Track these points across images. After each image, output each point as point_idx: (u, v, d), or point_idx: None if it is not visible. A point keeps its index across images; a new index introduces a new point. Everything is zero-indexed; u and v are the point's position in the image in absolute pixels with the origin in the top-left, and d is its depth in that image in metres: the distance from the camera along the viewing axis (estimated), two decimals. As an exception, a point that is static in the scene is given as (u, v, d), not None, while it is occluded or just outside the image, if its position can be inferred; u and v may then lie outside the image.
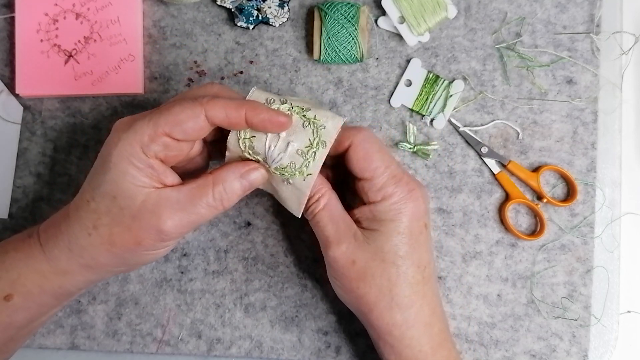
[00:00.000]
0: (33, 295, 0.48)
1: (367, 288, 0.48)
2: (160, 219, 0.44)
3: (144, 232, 0.45)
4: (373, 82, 0.57)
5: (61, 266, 0.47)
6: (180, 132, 0.44)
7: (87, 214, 0.45)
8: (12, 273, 0.47)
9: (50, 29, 0.57)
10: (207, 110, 0.44)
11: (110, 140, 0.45)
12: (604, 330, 0.55)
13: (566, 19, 0.57)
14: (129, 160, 0.44)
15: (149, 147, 0.44)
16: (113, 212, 0.45)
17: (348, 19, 0.55)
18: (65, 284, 0.48)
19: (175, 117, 0.43)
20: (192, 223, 0.45)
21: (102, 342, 0.57)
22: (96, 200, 0.45)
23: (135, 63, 0.57)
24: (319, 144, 0.46)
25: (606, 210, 0.56)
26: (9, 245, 0.49)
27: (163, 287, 0.57)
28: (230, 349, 0.56)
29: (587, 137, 0.56)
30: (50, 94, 0.57)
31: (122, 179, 0.44)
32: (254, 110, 0.44)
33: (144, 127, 0.44)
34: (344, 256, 0.48)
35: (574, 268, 0.56)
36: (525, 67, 0.57)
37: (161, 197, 0.44)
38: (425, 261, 0.49)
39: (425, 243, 0.49)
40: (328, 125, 0.47)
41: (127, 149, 0.44)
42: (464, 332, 0.56)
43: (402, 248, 0.48)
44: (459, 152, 0.57)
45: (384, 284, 0.48)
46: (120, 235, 0.45)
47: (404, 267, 0.48)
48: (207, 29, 0.58)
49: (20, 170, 0.58)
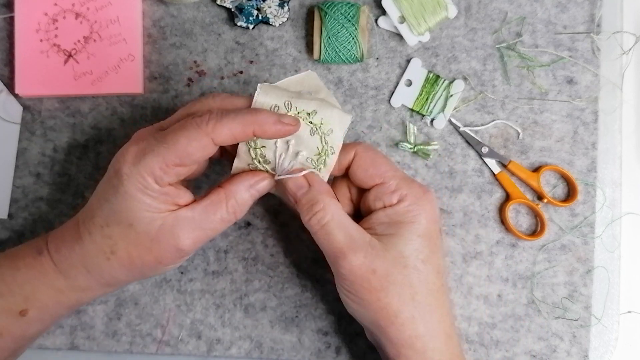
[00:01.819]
0: (48, 309, 0.49)
1: (389, 298, 0.45)
2: (179, 239, 0.45)
3: (163, 251, 0.46)
4: (373, 82, 0.57)
5: (79, 284, 0.48)
6: (190, 161, 0.44)
7: (102, 239, 0.46)
8: (26, 289, 0.48)
9: (50, 28, 0.57)
10: (214, 137, 0.44)
11: (122, 170, 0.45)
12: (605, 331, 0.55)
13: (566, 19, 0.57)
14: (143, 192, 0.44)
15: (162, 178, 0.44)
16: (130, 237, 0.45)
17: (348, 18, 0.55)
18: (82, 299, 0.49)
19: (183, 150, 0.44)
20: (208, 237, 0.47)
21: (102, 342, 0.56)
22: (111, 226, 0.46)
23: (135, 63, 0.57)
24: (327, 151, 0.47)
25: (606, 210, 0.56)
26: (19, 262, 0.48)
27: (163, 288, 0.57)
28: (230, 350, 0.56)
29: (588, 137, 0.56)
30: (50, 94, 0.57)
31: (138, 208, 0.45)
32: (261, 127, 0.44)
33: (154, 161, 0.44)
34: (362, 266, 0.45)
35: (574, 268, 0.56)
36: (525, 67, 0.57)
37: (178, 219, 0.45)
38: (443, 267, 0.48)
39: (442, 248, 0.49)
40: (335, 129, 0.47)
41: (140, 181, 0.44)
42: (464, 332, 0.56)
43: (423, 251, 0.46)
44: (459, 152, 0.57)
45: (406, 291, 0.45)
46: (139, 257, 0.46)
47: (425, 272, 0.46)
48: (207, 29, 0.58)
49: (20, 170, 0.58)
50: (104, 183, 0.47)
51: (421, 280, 0.46)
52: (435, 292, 0.47)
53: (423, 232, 0.47)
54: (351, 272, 0.45)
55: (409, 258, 0.46)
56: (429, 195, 0.48)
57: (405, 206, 0.47)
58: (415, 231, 0.46)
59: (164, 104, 0.58)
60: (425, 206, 0.47)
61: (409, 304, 0.45)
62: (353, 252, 0.45)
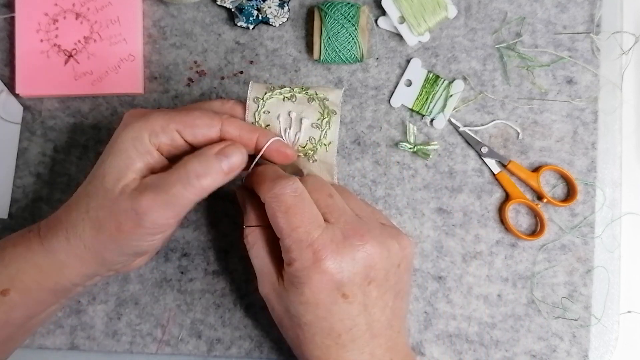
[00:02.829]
0: (31, 292, 0.48)
1: (284, 334, 0.49)
2: (136, 200, 0.43)
3: (122, 215, 0.44)
4: (373, 82, 0.57)
5: (59, 258, 0.47)
6: (191, 134, 0.45)
7: (83, 199, 0.46)
8: (11, 268, 0.47)
9: (50, 29, 0.57)
10: (225, 125, 0.45)
11: (121, 124, 0.46)
12: (604, 331, 0.55)
13: (566, 19, 0.57)
14: (131, 143, 0.44)
15: (157, 136, 0.44)
16: (100, 194, 0.45)
17: (348, 19, 0.55)
18: (61, 279, 0.48)
19: (192, 120, 0.45)
20: (169, 205, 0.43)
21: (102, 342, 0.57)
22: (91, 182, 0.46)
23: (135, 63, 0.57)
24: (329, 113, 0.49)
25: (606, 210, 0.56)
26: (8, 242, 0.49)
27: (163, 287, 0.57)
28: (230, 349, 0.56)
29: (588, 137, 0.56)
30: (50, 94, 0.57)
31: (118, 158, 0.44)
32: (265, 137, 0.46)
33: (158, 117, 0.45)
34: (266, 298, 0.48)
35: (574, 268, 0.56)
36: (525, 67, 0.57)
37: (141, 183, 0.44)
38: (342, 329, 0.45)
39: (342, 312, 0.45)
40: (331, 97, 0.49)
41: (134, 132, 0.44)
42: (464, 332, 0.56)
43: (305, 316, 0.45)
44: (459, 152, 0.57)
45: (295, 340, 0.47)
46: (104, 219, 0.44)
47: (310, 332, 0.46)
48: (207, 29, 0.58)
49: (20, 170, 0.58)
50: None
51: (306, 337, 0.46)
52: (326, 349, 0.45)
53: (307, 299, 0.44)
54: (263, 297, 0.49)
55: (294, 317, 0.46)
56: (318, 268, 0.43)
57: (292, 270, 0.44)
58: (298, 298, 0.45)
59: (164, 104, 0.58)
60: (310, 277, 0.44)
61: (298, 349, 0.47)
62: (261, 283, 0.48)
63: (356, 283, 0.45)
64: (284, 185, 0.44)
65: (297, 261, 0.44)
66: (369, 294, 0.45)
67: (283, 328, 0.48)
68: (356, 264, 0.44)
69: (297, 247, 0.44)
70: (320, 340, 0.46)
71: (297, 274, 0.44)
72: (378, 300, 0.46)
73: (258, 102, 0.48)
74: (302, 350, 0.47)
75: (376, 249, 0.45)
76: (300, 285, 0.44)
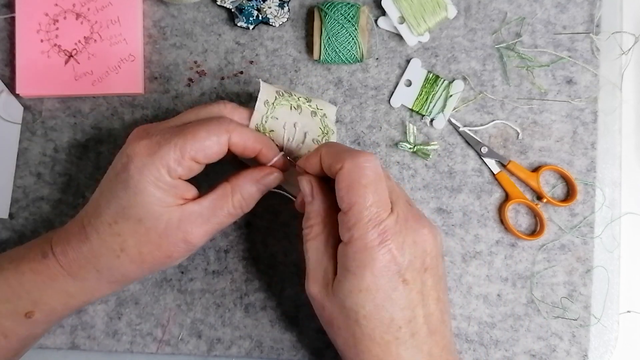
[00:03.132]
0: (56, 312, 0.49)
1: (335, 335, 0.45)
2: (187, 233, 0.46)
3: (172, 246, 0.46)
4: (373, 82, 0.57)
5: (89, 285, 0.48)
6: (205, 157, 0.45)
7: (111, 237, 0.46)
8: (34, 294, 0.48)
9: (51, 29, 0.57)
10: (232, 137, 0.46)
11: (132, 164, 0.45)
12: (604, 330, 0.55)
13: (566, 19, 0.57)
14: (155, 185, 0.45)
15: (175, 170, 0.45)
16: (140, 234, 0.46)
17: (348, 19, 0.55)
18: (90, 299, 0.50)
19: (202, 144, 0.45)
20: (215, 230, 0.48)
21: (102, 342, 0.57)
22: (119, 223, 0.46)
23: (135, 63, 0.57)
24: (328, 131, 0.50)
25: (606, 210, 0.56)
26: (24, 266, 0.48)
27: (163, 287, 0.57)
28: (230, 349, 0.56)
29: (587, 137, 0.56)
30: (51, 94, 0.57)
31: (148, 202, 0.45)
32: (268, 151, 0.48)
33: (170, 152, 0.44)
34: (317, 297, 0.45)
35: (573, 268, 0.56)
36: (525, 67, 0.57)
37: (185, 213, 0.46)
38: (402, 320, 0.43)
39: (403, 299, 0.43)
40: (328, 113, 0.50)
41: (153, 173, 0.44)
42: (464, 332, 0.56)
43: (365, 307, 0.43)
44: (459, 152, 0.57)
45: (350, 339, 0.44)
46: (150, 254, 0.46)
47: (369, 327, 0.43)
48: (207, 29, 0.58)
49: (21, 170, 0.58)
50: (110, 180, 0.47)
51: (364, 333, 0.43)
52: (385, 345, 0.43)
53: (367, 286, 0.42)
54: (310, 297, 0.46)
55: (351, 311, 0.43)
56: (383, 249, 0.42)
57: (351, 251, 0.42)
58: (357, 285, 0.42)
59: (164, 104, 0.58)
60: (374, 259, 0.42)
61: (352, 348, 0.44)
62: (313, 280, 0.46)
63: (416, 268, 0.43)
64: (369, 158, 0.43)
65: (360, 240, 0.42)
66: (426, 282, 0.44)
67: (334, 328, 0.45)
68: (417, 248, 0.44)
69: (364, 226, 0.42)
70: (380, 336, 0.43)
71: (358, 257, 0.42)
72: (432, 290, 0.45)
73: (267, 106, 0.48)
74: (358, 350, 0.44)
75: (431, 234, 0.45)
76: (359, 269, 0.42)
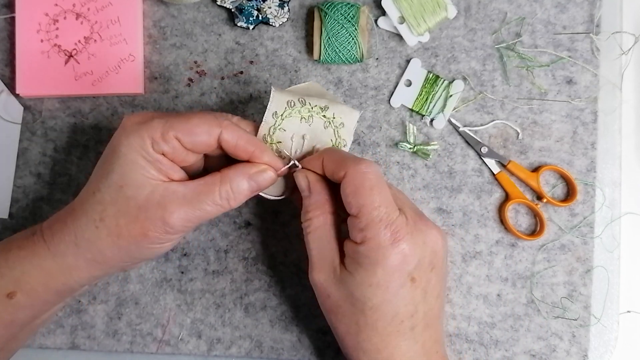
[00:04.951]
0: (37, 293, 0.48)
1: (337, 323, 0.47)
2: (167, 210, 0.45)
3: (150, 223, 0.45)
4: (373, 82, 0.58)
5: (67, 262, 0.47)
6: (190, 142, 0.45)
7: (93, 206, 0.46)
8: (16, 271, 0.47)
9: (51, 29, 0.57)
10: (223, 133, 0.45)
11: (121, 131, 0.46)
12: (604, 330, 0.55)
13: (566, 19, 0.57)
14: (138, 152, 0.44)
15: (159, 144, 0.45)
16: (119, 203, 0.45)
17: (348, 19, 0.55)
18: (69, 281, 0.48)
19: (191, 127, 0.45)
20: (197, 218, 0.46)
21: (102, 342, 0.57)
22: (102, 190, 0.46)
23: (135, 63, 0.57)
24: (340, 143, 0.49)
25: (606, 210, 0.56)
26: (12, 244, 0.49)
27: (163, 287, 0.57)
28: (230, 349, 0.56)
29: (587, 137, 0.56)
30: (51, 94, 0.57)
31: (131, 169, 0.45)
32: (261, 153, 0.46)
33: (158, 125, 0.45)
34: (322, 286, 0.47)
35: (573, 268, 0.56)
36: (525, 67, 0.57)
37: (168, 190, 0.45)
38: (405, 314, 0.46)
39: (409, 296, 0.45)
40: (346, 123, 0.49)
41: (138, 140, 0.44)
42: (464, 331, 0.56)
43: (372, 299, 0.45)
44: (458, 152, 0.57)
45: (352, 327, 0.46)
46: (126, 226, 0.45)
47: (373, 318, 0.45)
48: (207, 29, 0.58)
49: (21, 170, 0.58)
50: (104, 153, 0.47)
51: (367, 323, 0.45)
52: (386, 336, 0.46)
53: (377, 281, 0.44)
54: (314, 285, 0.48)
55: (358, 301, 0.45)
56: (395, 249, 0.44)
57: (364, 250, 0.44)
58: (367, 279, 0.44)
59: (164, 104, 0.58)
60: (388, 254, 0.44)
61: (354, 337, 0.46)
62: (318, 269, 0.47)
63: (424, 267, 0.46)
64: (370, 165, 0.45)
65: (373, 240, 0.44)
66: (430, 281, 0.47)
67: (338, 316, 0.47)
68: (426, 248, 0.46)
69: (375, 226, 0.44)
70: (383, 327, 0.45)
71: (370, 254, 0.44)
72: (435, 288, 0.47)
73: (276, 118, 0.48)
74: (359, 339, 0.46)
75: (439, 236, 0.47)
76: (371, 265, 0.44)
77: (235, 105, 0.58)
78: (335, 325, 0.48)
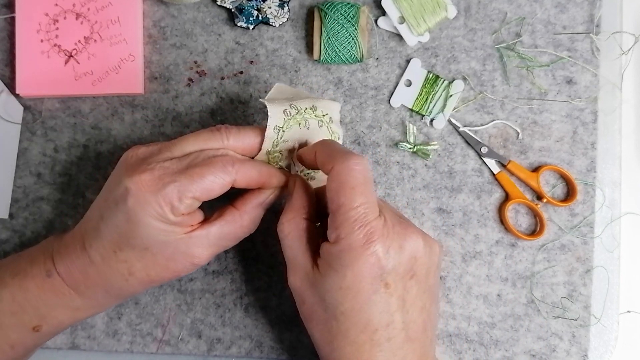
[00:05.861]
0: (64, 324, 0.51)
1: (313, 330, 0.46)
2: (195, 256, 0.47)
3: (180, 267, 0.48)
4: (373, 82, 0.58)
5: (98, 302, 0.50)
6: (208, 196, 0.46)
7: (118, 264, 0.47)
8: (41, 309, 0.49)
9: (51, 29, 0.57)
10: (236, 179, 0.46)
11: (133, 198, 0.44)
12: (604, 330, 0.55)
13: (566, 19, 0.57)
14: (159, 219, 0.45)
15: (178, 209, 0.45)
16: (146, 259, 0.47)
17: (348, 19, 0.55)
18: (99, 311, 0.52)
19: (207, 186, 0.45)
20: (222, 249, 0.49)
21: (103, 341, 0.57)
22: (125, 251, 0.47)
23: (135, 63, 0.57)
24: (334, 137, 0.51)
25: (606, 210, 0.56)
26: (29, 282, 0.48)
27: (163, 287, 0.57)
28: (230, 349, 0.56)
29: (587, 137, 0.56)
30: (51, 94, 0.57)
31: (153, 233, 0.45)
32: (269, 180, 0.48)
33: (174, 191, 0.44)
34: (298, 289, 0.46)
35: (573, 268, 0.56)
36: (525, 67, 0.57)
37: (192, 239, 0.47)
38: (380, 323, 0.43)
39: (382, 303, 0.43)
40: (333, 116, 0.50)
41: (157, 209, 0.44)
42: (463, 332, 0.56)
43: (343, 304, 0.43)
44: (458, 152, 0.57)
45: (325, 334, 0.45)
46: (158, 275, 0.48)
47: (345, 325, 0.44)
48: (207, 29, 0.58)
49: (21, 170, 0.58)
50: (110, 207, 0.46)
51: (340, 330, 0.44)
52: (360, 345, 0.43)
53: (347, 285, 0.43)
54: (292, 290, 0.47)
55: (330, 306, 0.44)
56: (367, 250, 0.42)
57: (336, 250, 0.43)
58: (337, 282, 0.43)
59: (164, 104, 0.58)
60: (357, 259, 0.42)
61: (327, 344, 0.45)
62: (293, 272, 0.46)
63: (399, 273, 0.44)
64: (359, 161, 0.43)
65: (345, 240, 0.42)
66: (410, 290, 0.45)
67: (313, 322, 0.46)
68: (402, 253, 0.44)
69: (350, 226, 0.42)
70: (355, 335, 0.44)
71: (342, 255, 0.43)
72: (417, 299, 0.45)
73: (277, 132, 0.48)
74: (333, 347, 0.44)
75: (421, 242, 0.45)
76: (342, 268, 0.43)
77: (235, 105, 0.58)
78: (312, 332, 0.47)
